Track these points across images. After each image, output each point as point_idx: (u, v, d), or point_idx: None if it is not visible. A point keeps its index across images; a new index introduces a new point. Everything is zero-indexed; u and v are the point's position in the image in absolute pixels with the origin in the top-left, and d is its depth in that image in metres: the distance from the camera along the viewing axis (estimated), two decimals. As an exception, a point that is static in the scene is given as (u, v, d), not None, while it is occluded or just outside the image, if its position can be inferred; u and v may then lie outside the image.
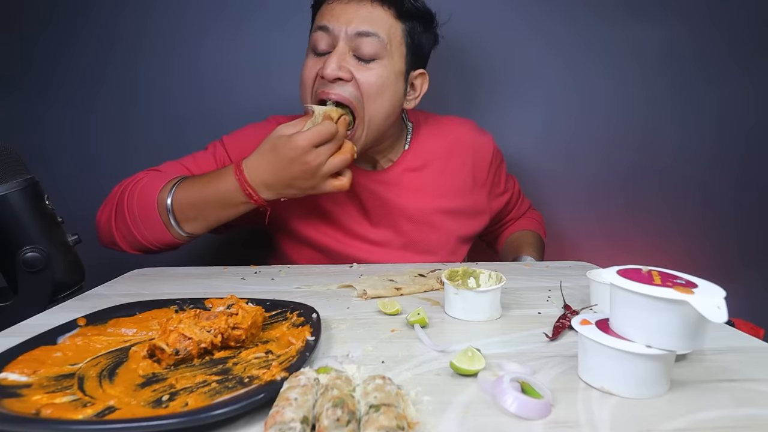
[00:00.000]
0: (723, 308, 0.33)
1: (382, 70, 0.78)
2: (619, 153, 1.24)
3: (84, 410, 0.34)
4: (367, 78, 0.77)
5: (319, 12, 0.80)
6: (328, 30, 0.77)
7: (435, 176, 0.92)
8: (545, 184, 1.24)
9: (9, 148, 0.65)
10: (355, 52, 0.77)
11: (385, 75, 0.78)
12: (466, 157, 0.94)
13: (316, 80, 0.78)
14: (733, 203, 1.27)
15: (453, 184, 0.93)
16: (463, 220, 0.94)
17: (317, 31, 0.78)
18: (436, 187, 0.92)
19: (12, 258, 0.62)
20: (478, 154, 0.95)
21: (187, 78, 1.16)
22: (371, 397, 0.32)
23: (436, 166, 0.92)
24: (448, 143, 0.94)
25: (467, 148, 0.94)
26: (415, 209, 0.91)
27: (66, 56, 1.14)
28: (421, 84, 0.86)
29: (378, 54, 0.77)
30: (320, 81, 0.77)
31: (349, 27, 0.76)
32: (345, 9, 0.77)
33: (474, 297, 0.54)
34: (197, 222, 0.77)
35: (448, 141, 0.94)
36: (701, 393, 0.38)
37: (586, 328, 0.39)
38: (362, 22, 0.76)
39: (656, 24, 1.19)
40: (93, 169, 1.18)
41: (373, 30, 0.76)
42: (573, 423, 0.33)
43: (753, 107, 1.23)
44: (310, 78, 0.79)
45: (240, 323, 0.45)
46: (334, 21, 0.76)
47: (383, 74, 0.78)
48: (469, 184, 0.94)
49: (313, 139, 0.70)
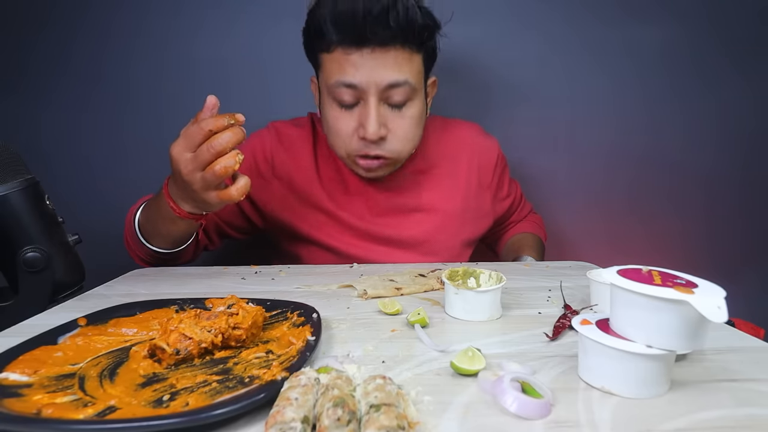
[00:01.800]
0: (723, 308, 0.33)
1: (414, 111, 0.78)
2: (618, 153, 1.24)
3: (85, 410, 0.34)
4: (404, 126, 0.78)
5: (333, 60, 0.74)
6: (355, 87, 0.73)
7: (441, 179, 0.93)
8: (545, 184, 1.24)
9: (9, 148, 0.65)
10: (386, 101, 0.76)
11: (417, 113, 0.79)
12: (472, 160, 0.94)
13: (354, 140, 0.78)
14: (732, 203, 1.27)
15: (459, 186, 0.93)
16: (469, 223, 0.95)
17: (341, 88, 0.74)
18: (442, 189, 0.92)
19: (12, 258, 0.62)
20: (483, 157, 0.95)
21: (187, 78, 1.16)
22: (372, 396, 0.32)
23: (443, 168, 0.93)
24: (455, 146, 0.94)
25: (473, 151, 0.95)
26: (421, 211, 0.91)
27: (65, 57, 1.14)
28: (432, 90, 0.88)
29: (410, 97, 0.77)
30: (357, 142, 0.78)
31: (380, 81, 0.73)
32: (368, 61, 0.72)
33: (474, 297, 0.54)
34: (157, 238, 0.78)
35: (455, 144, 0.95)
36: (702, 393, 0.38)
37: (587, 328, 0.39)
38: (392, 73, 0.73)
39: (655, 24, 1.19)
40: (93, 169, 1.18)
41: (404, 78, 0.74)
42: (573, 423, 0.33)
43: (752, 108, 1.23)
44: (347, 134, 0.78)
45: (240, 323, 0.45)
46: (360, 77, 0.72)
47: (415, 114, 0.79)
48: (475, 187, 0.95)
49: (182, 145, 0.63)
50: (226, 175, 0.61)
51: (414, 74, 0.76)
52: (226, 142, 0.59)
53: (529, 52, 1.19)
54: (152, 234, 0.77)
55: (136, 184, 1.18)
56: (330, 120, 0.79)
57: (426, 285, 0.68)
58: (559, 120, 1.22)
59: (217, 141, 0.59)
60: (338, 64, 0.74)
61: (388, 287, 0.66)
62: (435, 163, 0.93)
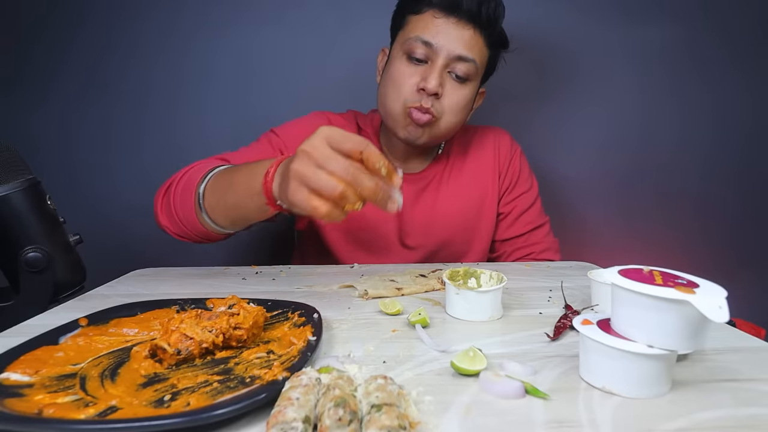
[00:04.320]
0: (724, 308, 0.33)
1: (468, 92, 0.84)
2: (618, 154, 1.24)
3: (86, 410, 0.34)
4: (457, 97, 0.82)
5: (420, 19, 0.81)
6: (431, 45, 0.79)
7: (467, 180, 0.96)
8: (545, 185, 1.23)
9: (11, 148, 0.65)
10: (450, 70, 0.81)
11: (469, 96, 0.85)
12: (497, 165, 0.98)
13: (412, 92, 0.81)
14: (733, 203, 1.27)
15: (486, 188, 0.97)
16: (492, 224, 0.98)
17: (417, 42, 0.80)
18: (468, 190, 0.96)
19: (14, 258, 0.62)
20: (511, 163, 0.99)
21: (187, 78, 1.16)
22: (373, 396, 0.32)
23: (468, 171, 0.97)
24: (481, 150, 0.99)
25: (499, 156, 0.99)
26: (444, 211, 0.94)
27: (65, 57, 1.14)
28: (479, 100, 0.93)
29: (470, 76, 0.82)
30: (414, 93, 0.81)
31: (453, 49, 0.79)
32: (450, 29, 0.79)
33: (475, 297, 0.54)
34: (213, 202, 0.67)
35: (481, 148, 0.99)
36: (702, 393, 0.38)
37: (588, 328, 0.39)
38: (464, 47, 0.80)
39: (654, 25, 1.19)
40: (94, 169, 1.18)
41: (472, 56, 0.80)
42: (574, 423, 0.33)
43: (750, 107, 1.24)
44: (407, 85, 0.81)
45: (241, 323, 0.45)
46: (439, 39, 0.79)
47: (468, 95, 0.84)
48: (497, 190, 0.98)
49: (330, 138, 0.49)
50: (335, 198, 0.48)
51: (479, 59, 0.82)
52: (368, 187, 0.47)
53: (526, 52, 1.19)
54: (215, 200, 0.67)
55: (137, 184, 1.19)
56: (395, 73, 0.83)
57: (427, 285, 0.68)
58: (558, 120, 1.22)
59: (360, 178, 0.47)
60: (424, 23, 0.81)
61: (389, 287, 0.66)
62: (461, 166, 0.97)
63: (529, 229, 0.98)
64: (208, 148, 1.17)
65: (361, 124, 0.96)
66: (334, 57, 1.17)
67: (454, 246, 0.95)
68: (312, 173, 0.47)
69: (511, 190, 0.99)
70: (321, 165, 0.47)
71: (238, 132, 1.18)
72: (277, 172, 0.57)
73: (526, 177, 1.00)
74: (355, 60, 1.16)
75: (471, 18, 0.79)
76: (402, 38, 0.83)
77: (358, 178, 0.47)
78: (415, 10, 0.82)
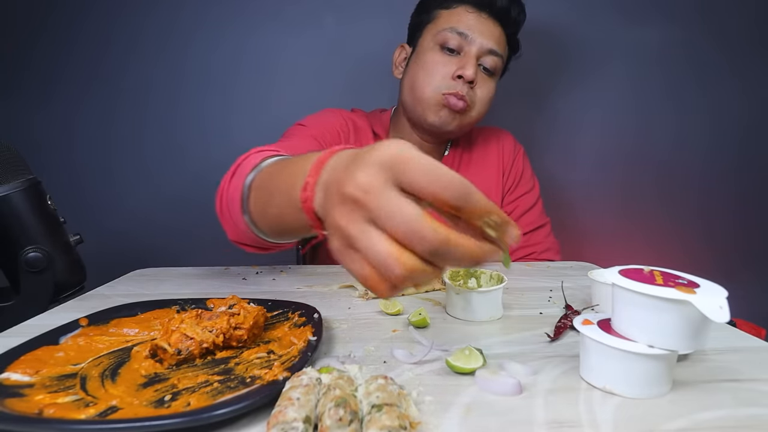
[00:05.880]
0: (725, 308, 0.33)
1: (493, 85, 0.88)
2: (618, 154, 1.24)
3: (86, 410, 0.34)
4: (488, 89, 0.87)
5: (453, 14, 0.85)
6: (465, 37, 0.83)
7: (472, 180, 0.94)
8: (545, 185, 1.23)
9: (11, 148, 0.65)
10: (480, 63, 0.85)
11: (494, 90, 0.89)
12: (500, 164, 0.99)
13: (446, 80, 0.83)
14: (733, 203, 1.27)
15: (490, 188, 0.98)
16: None
17: (453, 33, 0.83)
18: None
19: (14, 258, 0.62)
20: (514, 163, 1.00)
21: (186, 78, 1.16)
22: (373, 396, 0.32)
23: (474, 171, 0.98)
24: (485, 150, 1.00)
25: (503, 155, 1.00)
26: None
27: (65, 57, 1.14)
28: None
29: (496, 71, 0.87)
30: (449, 81, 0.83)
31: (485, 42, 0.84)
32: (482, 24, 0.84)
33: (475, 297, 0.54)
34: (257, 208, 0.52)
35: (485, 148, 1.00)
36: (703, 393, 0.38)
37: (588, 328, 0.39)
38: (495, 42, 0.85)
39: (652, 26, 1.19)
40: (94, 169, 1.18)
41: (500, 51, 0.86)
42: (575, 423, 0.33)
43: (748, 107, 1.24)
44: (443, 74, 0.83)
45: (242, 323, 0.45)
46: (473, 31, 0.83)
47: (493, 89, 0.88)
48: (500, 191, 0.99)
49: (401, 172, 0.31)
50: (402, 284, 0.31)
51: (504, 54, 0.87)
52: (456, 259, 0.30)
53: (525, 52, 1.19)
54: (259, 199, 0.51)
55: (137, 184, 1.19)
56: (428, 62, 0.85)
57: (427, 285, 0.67)
58: (558, 121, 1.22)
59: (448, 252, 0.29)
60: (458, 16, 0.85)
61: (389, 287, 0.65)
62: (466, 166, 0.98)
63: (531, 230, 0.98)
64: (208, 148, 1.18)
65: (372, 123, 0.96)
66: (335, 54, 1.17)
67: None
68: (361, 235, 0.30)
69: (513, 190, 0.99)
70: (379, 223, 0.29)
71: (238, 131, 1.18)
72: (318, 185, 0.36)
73: (528, 178, 1.01)
74: (356, 58, 1.17)
75: (500, 16, 0.85)
76: (433, 30, 0.86)
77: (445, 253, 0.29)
78: (445, 5, 0.86)
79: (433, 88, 0.84)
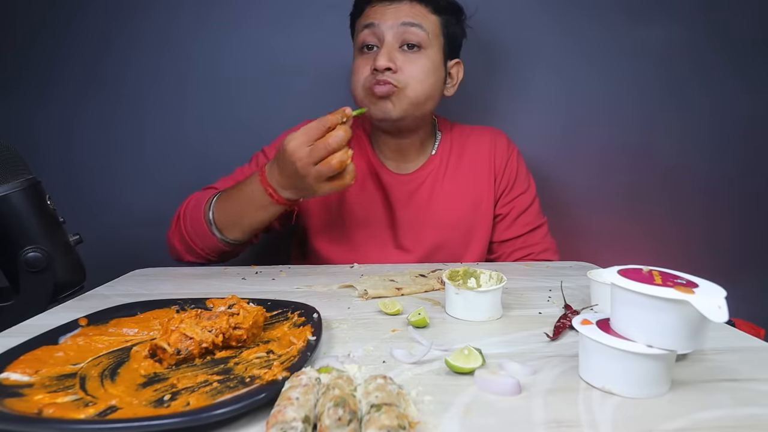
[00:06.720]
0: (724, 308, 0.33)
1: (425, 60, 0.85)
2: (619, 153, 1.24)
3: (86, 410, 0.34)
4: (417, 66, 0.85)
5: (363, 15, 0.88)
6: (374, 26, 0.85)
7: (462, 181, 0.96)
8: (544, 185, 1.23)
9: (11, 148, 0.65)
10: (401, 44, 0.84)
11: (429, 64, 0.86)
12: (492, 166, 0.98)
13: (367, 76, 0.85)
14: (732, 203, 1.27)
15: (481, 190, 0.96)
16: (489, 225, 0.97)
17: (364, 30, 0.86)
18: (463, 191, 0.96)
19: (13, 258, 0.62)
20: (508, 164, 0.99)
21: (186, 78, 1.16)
22: (372, 396, 0.32)
23: (464, 171, 0.96)
24: (477, 151, 0.98)
25: (495, 156, 0.98)
26: (438, 212, 0.94)
27: (64, 57, 1.14)
28: (457, 72, 0.94)
29: (422, 43, 0.85)
30: (370, 76, 0.84)
31: (395, 22, 0.84)
32: (388, 8, 0.85)
33: (475, 297, 0.54)
34: (235, 228, 0.80)
35: (477, 149, 0.98)
36: (702, 393, 0.38)
37: (587, 328, 0.39)
38: (408, 15, 0.84)
39: (656, 25, 1.19)
40: (94, 169, 1.18)
41: (417, 21, 0.84)
42: (574, 423, 0.33)
43: (750, 108, 1.23)
44: (364, 71, 0.86)
45: (241, 323, 0.45)
46: (380, 18, 0.84)
47: (426, 63, 0.85)
48: (493, 192, 0.97)
49: (300, 140, 0.69)
50: (340, 168, 0.68)
51: (428, 25, 0.85)
52: (341, 139, 0.67)
53: (522, 52, 1.19)
54: (231, 224, 0.80)
55: (137, 184, 1.19)
56: (354, 67, 0.89)
57: (426, 285, 0.68)
58: (559, 120, 1.22)
59: (333, 138, 0.67)
60: (365, 16, 0.88)
61: (389, 287, 0.66)
62: (454, 166, 0.96)
63: (528, 230, 0.98)
64: (208, 148, 1.18)
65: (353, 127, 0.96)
66: (333, 57, 1.17)
67: (450, 248, 0.94)
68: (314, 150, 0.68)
69: (508, 192, 0.98)
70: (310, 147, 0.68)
71: (238, 131, 1.18)
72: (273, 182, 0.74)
73: (523, 178, 1.00)
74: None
75: None
76: (355, 38, 0.90)
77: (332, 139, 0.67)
78: (358, 13, 0.90)
79: (360, 86, 0.87)
